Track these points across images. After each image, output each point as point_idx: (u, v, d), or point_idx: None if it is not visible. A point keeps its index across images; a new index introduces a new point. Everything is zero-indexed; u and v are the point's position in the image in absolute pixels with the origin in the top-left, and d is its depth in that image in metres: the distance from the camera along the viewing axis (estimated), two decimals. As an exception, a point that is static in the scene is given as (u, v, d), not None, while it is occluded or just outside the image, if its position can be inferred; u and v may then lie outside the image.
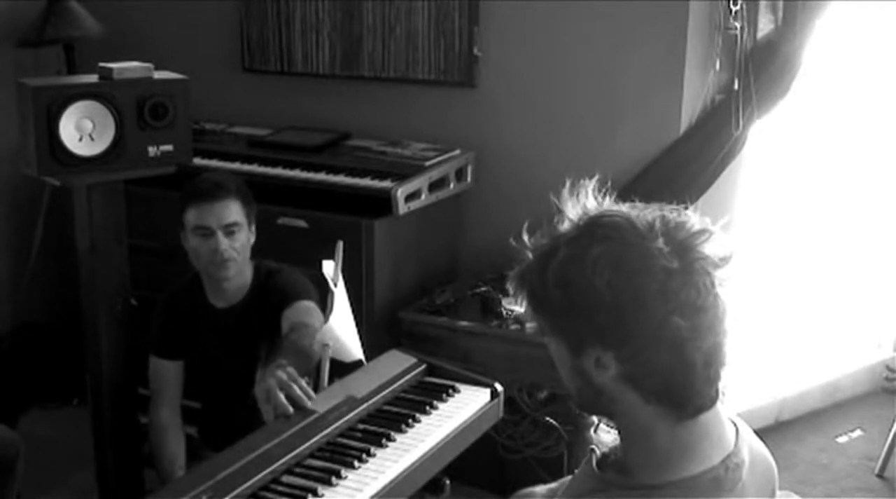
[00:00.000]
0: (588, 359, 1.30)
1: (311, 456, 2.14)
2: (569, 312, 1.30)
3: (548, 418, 3.21)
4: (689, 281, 1.25)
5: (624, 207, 1.35)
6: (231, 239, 2.66)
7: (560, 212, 1.37)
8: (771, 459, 1.47)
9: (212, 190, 2.65)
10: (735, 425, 1.40)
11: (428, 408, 2.31)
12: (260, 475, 2.03)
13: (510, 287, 1.38)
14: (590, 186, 1.39)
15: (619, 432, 1.38)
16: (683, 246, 1.28)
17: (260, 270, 2.80)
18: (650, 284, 1.24)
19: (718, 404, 1.34)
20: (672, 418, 1.30)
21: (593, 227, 1.31)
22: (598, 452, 1.45)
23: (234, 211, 2.66)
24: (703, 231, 1.31)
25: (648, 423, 1.31)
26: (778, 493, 1.49)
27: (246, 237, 2.70)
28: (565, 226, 1.35)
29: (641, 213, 1.32)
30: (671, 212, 1.34)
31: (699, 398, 1.30)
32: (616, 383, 1.30)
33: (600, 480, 1.38)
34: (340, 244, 2.45)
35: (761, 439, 1.48)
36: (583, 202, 1.37)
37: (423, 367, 2.51)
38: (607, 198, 1.39)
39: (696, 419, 1.31)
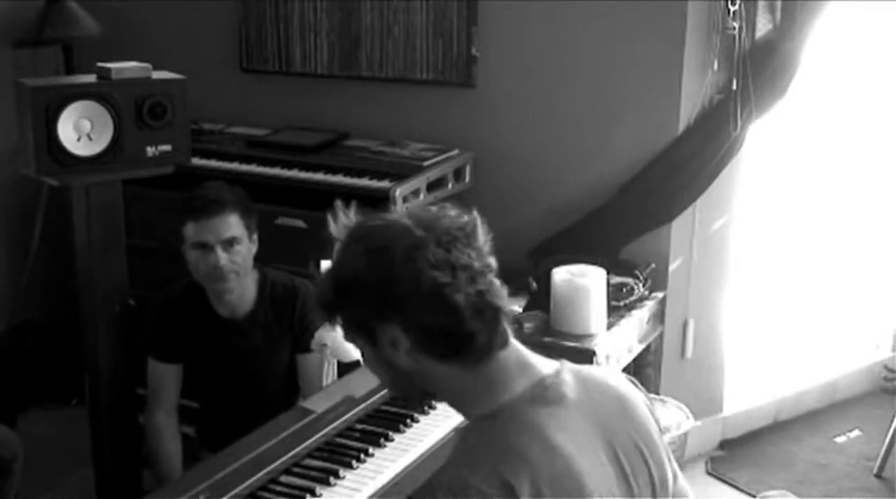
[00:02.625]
0: (384, 343, 1.45)
1: (310, 456, 2.14)
2: (350, 306, 1.47)
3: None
4: (436, 244, 1.43)
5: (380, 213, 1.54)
6: (230, 253, 2.65)
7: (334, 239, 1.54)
8: (623, 388, 1.57)
9: (209, 206, 2.64)
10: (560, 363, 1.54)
11: (426, 408, 2.31)
12: (258, 475, 2.03)
13: (315, 314, 1.61)
14: (349, 210, 1.55)
15: (446, 402, 1.53)
16: (427, 220, 1.47)
17: (266, 280, 2.79)
18: (399, 251, 1.42)
19: (515, 343, 1.49)
20: (470, 365, 1.45)
21: (353, 233, 1.50)
22: None
23: (232, 225, 2.65)
24: (442, 207, 1.51)
25: (454, 379, 1.46)
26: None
27: (246, 249, 2.69)
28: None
29: (393, 211, 1.54)
30: (418, 206, 1.54)
31: (481, 340, 1.44)
32: (412, 356, 1.45)
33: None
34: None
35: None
36: (343, 222, 1.53)
37: (422, 367, 2.50)
38: (362, 212, 1.55)
39: (492, 359, 1.46)
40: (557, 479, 1.39)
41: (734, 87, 3.37)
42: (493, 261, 1.50)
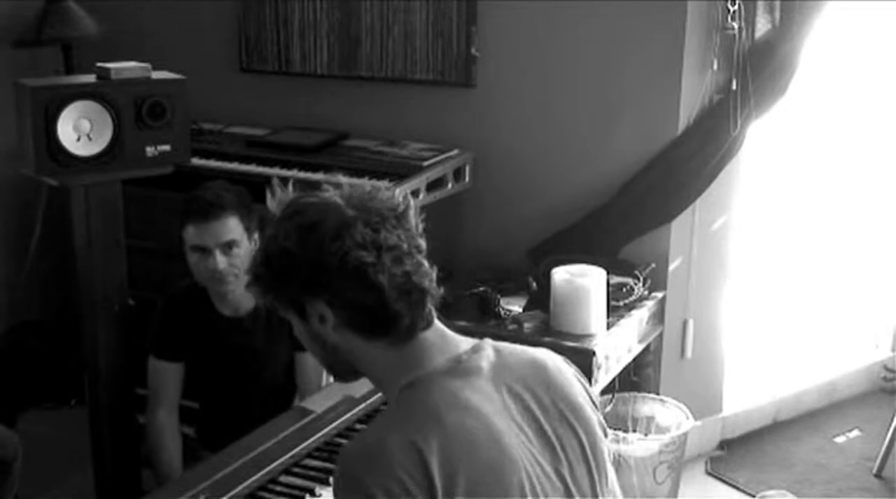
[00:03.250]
0: (313, 319, 1.51)
1: (309, 456, 2.14)
2: (279, 281, 1.52)
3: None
4: (365, 223, 1.47)
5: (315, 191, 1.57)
6: (229, 256, 2.65)
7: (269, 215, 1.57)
8: (542, 356, 1.62)
9: (208, 209, 2.63)
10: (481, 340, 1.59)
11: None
12: (257, 475, 2.03)
13: (248, 287, 1.60)
14: (288, 184, 1.59)
15: (371, 380, 1.58)
16: (359, 199, 1.51)
17: None
18: (328, 230, 1.46)
19: (437, 324, 1.55)
20: (394, 344, 1.51)
21: (287, 208, 1.54)
22: None
23: (231, 228, 2.65)
24: (375, 189, 1.55)
25: (378, 356, 1.52)
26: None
27: (246, 251, 2.68)
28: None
29: (328, 189, 1.56)
30: (352, 186, 1.56)
31: (407, 318, 1.49)
32: (339, 332, 1.51)
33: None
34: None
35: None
36: (280, 197, 1.56)
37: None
38: (300, 188, 1.59)
39: (414, 338, 1.51)
40: (473, 443, 1.42)
41: (734, 87, 3.37)
42: (422, 242, 1.54)
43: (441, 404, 1.45)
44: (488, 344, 1.57)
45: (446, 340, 1.55)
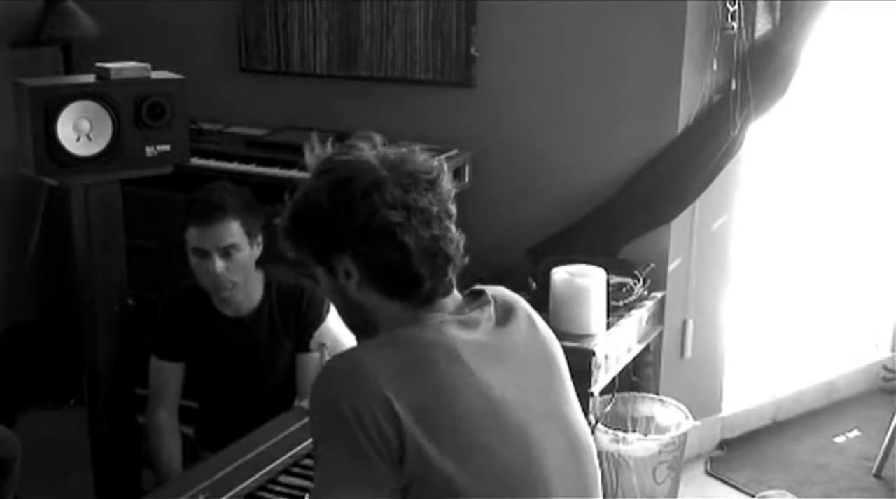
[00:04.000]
0: (339, 273, 1.54)
1: (309, 456, 2.14)
2: (309, 234, 1.55)
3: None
4: (397, 184, 1.49)
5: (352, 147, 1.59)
6: (228, 260, 2.64)
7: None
8: (546, 339, 1.66)
9: (210, 212, 2.62)
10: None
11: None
12: (257, 475, 2.03)
13: (280, 241, 1.62)
14: (327, 141, 1.62)
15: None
16: (393, 160, 1.53)
17: (271, 283, 2.79)
18: (359, 186, 1.49)
19: (456, 294, 1.59)
20: (412, 307, 1.53)
21: (322, 165, 1.57)
22: None
23: (232, 232, 2.63)
24: (411, 151, 1.56)
25: (396, 315, 1.54)
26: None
27: (247, 255, 2.67)
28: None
29: (365, 147, 1.57)
30: (391, 145, 1.59)
31: (428, 283, 1.52)
32: (362, 289, 1.53)
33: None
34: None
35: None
36: (318, 154, 1.60)
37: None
38: (337, 145, 1.62)
39: (433, 305, 1.54)
40: (453, 387, 1.45)
41: (733, 87, 3.37)
42: (453, 208, 1.56)
43: (432, 344, 1.49)
44: (491, 307, 1.60)
45: (460, 305, 1.59)
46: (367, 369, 1.44)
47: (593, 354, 2.92)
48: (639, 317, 3.27)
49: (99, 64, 2.62)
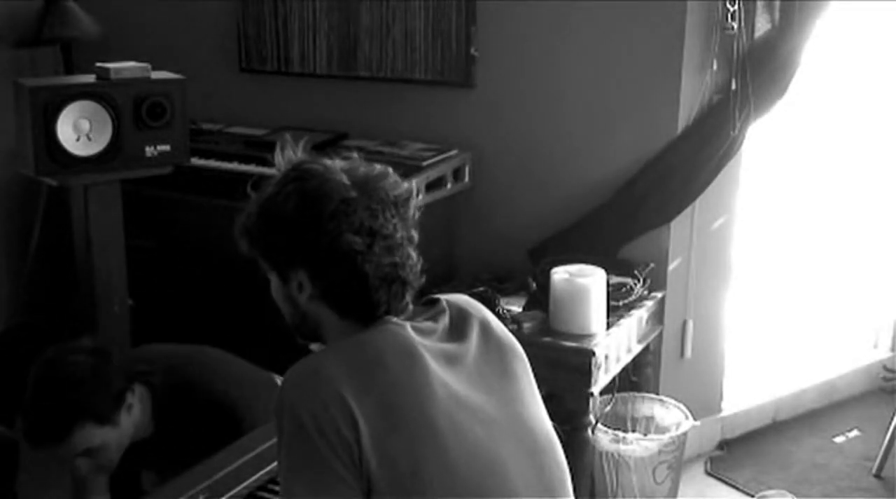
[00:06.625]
0: (292, 284, 1.54)
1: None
2: (269, 241, 1.54)
3: (545, 418, 3.21)
4: (364, 208, 1.49)
5: (324, 159, 1.59)
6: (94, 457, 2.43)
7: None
8: (502, 344, 1.67)
9: (50, 435, 2.38)
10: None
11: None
12: (258, 475, 2.03)
13: (237, 236, 1.60)
14: (299, 143, 1.63)
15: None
16: (364, 181, 1.52)
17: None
18: (327, 206, 1.48)
19: (409, 309, 1.60)
20: (366, 324, 1.54)
21: (292, 171, 1.57)
22: None
23: (87, 440, 2.38)
24: (382, 173, 1.56)
25: (345, 331, 1.54)
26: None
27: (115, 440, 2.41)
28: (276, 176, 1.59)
29: (336, 161, 1.58)
30: (362, 162, 1.59)
31: (383, 307, 1.54)
32: (313, 303, 1.54)
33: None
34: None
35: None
36: (288, 156, 1.60)
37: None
38: (309, 152, 1.63)
39: (386, 323, 1.54)
40: (413, 384, 1.46)
41: (733, 87, 3.37)
42: (416, 234, 1.58)
43: (386, 345, 1.49)
44: (446, 315, 1.63)
45: (414, 317, 1.60)
46: (324, 373, 1.44)
47: (593, 354, 2.92)
48: (639, 317, 3.27)
49: (99, 64, 2.62)
